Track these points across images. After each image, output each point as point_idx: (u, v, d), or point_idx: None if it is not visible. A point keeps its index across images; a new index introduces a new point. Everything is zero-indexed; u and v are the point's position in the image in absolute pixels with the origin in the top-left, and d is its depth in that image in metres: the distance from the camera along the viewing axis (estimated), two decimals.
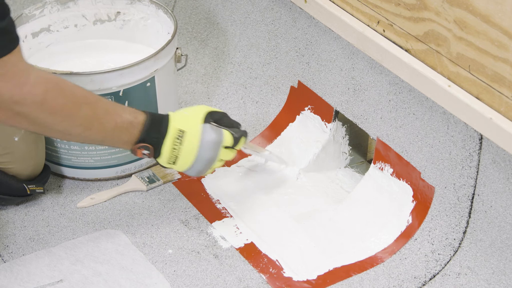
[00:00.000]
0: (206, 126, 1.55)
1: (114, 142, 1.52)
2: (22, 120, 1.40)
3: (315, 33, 1.80)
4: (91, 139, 1.50)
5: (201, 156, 1.55)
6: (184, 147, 1.53)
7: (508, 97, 1.41)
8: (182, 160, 1.54)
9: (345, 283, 1.54)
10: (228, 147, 1.58)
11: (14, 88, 1.35)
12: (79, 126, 1.45)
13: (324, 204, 1.72)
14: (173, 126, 1.53)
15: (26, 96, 1.37)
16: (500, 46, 1.39)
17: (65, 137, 1.49)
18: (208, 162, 1.56)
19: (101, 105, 1.48)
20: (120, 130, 1.50)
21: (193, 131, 1.54)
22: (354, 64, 1.72)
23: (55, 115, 1.41)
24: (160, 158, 1.54)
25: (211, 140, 1.54)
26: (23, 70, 1.37)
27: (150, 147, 1.52)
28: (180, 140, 1.53)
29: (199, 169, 1.57)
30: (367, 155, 1.86)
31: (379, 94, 1.67)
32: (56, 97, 1.40)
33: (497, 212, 1.49)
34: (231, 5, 2.05)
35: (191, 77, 2.07)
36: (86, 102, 1.46)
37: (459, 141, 1.53)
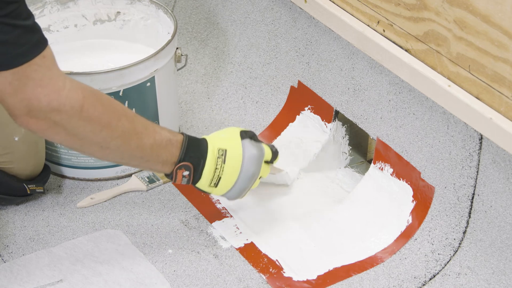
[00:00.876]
0: (246, 141, 1.52)
1: (152, 161, 1.46)
2: (60, 130, 1.35)
3: (315, 33, 1.80)
4: (129, 155, 1.43)
5: (245, 172, 1.50)
6: (227, 165, 1.48)
7: (508, 97, 1.41)
8: (225, 180, 1.50)
9: (345, 283, 1.54)
10: (267, 162, 1.55)
11: (51, 93, 1.31)
12: (117, 138, 1.39)
13: (324, 204, 1.72)
14: (212, 146, 1.49)
15: (65, 101, 1.32)
16: (500, 46, 1.39)
17: (103, 151, 1.41)
18: (251, 179, 1.52)
19: (139, 120, 1.43)
20: (158, 148, 1.44)
21: (235, 148, 1.50)
22: (354, 64, 1.72)
23: (94, 123, 1.36)
24: (200, 180, 1.49)
25: (253, 155, 1.51)
26: (59, 76, 1.33)
27: (190, 167, 1.47)
28: (222, 158, 1.48)
29: (241, 187, 1.52)
30: (367, 155, 1.86)
31: (379, 94, 1.68)
32: (94, 105, 1.36)
33: (497, 212, 1.49)
34: (231, 5, 2.05)
35: (191, 77, 2.07)
36: (125, 114, 1.41)
37: (459, 141, 1.53)
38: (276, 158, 1.57)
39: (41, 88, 1.30)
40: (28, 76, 1.29)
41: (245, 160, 1.50)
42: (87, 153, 1.45)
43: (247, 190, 1.55)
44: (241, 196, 1.55)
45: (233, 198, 1.55)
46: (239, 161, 1.50)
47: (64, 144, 1.41)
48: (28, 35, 1.29)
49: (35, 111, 1.31)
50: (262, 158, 1.53)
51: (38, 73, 1.30)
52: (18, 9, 1.27)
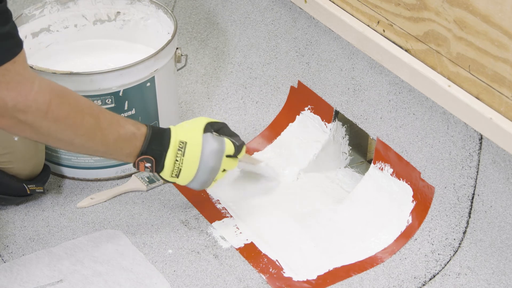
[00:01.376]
0: (207, 135, 1.54)
1: (116, 154, 1.51)
2: (25, 128, 1.39)
3: (315, 33, 1.80)
4: (94, 150, 1.48)
5: (204, 166, 1.53)
6: (186, 158, 1.52)
7: (508, 97, 1.41)
8: (185, 172, 1.53)
9: (345, 283, 1.54)
10: (230, 156, 1.57)
11: (18, 96, 1.34)
12: (82, 135, 1.44)
13: (324, 204, 1.72)
14: (174, 138, 1.52)
15: (31, 104, 1.36)
16: (500, 46, 1.39)
17: (68, 147, 1.48)
18: (211, 172, 1.55)
19: (104, 116, 1.47)
20: (122, 142, 1.49)
21: (194, 141, 1.53)
22: (354, 64, 1.72)
23: (59, 123, 1.40)
24: (163, 171, 1.53)
25: (213, 149, 1.53)
26: (27, 78, 1.36)
27: (152, 159, 1.51)
28: (181, 151, 1.51)
29: (202, 179, 1.55)
30: (367, 155, 1.86)
31: (379, 94, 1.67)
32: (60, 106, 1.39)
33: (497, 212, 1.49)
34: (231, 5, 2.05)
35: (191, 77, 2.07)
36: (90, 112, 1.45)
37: (459, 141, 1.53)
38: (240, 152, 1.58)
39: (8, 91, 1.34)
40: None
41: (204, 154, 1.53)
42: (53, 146, 1.54)
43: (209, 182, 1.57)
44: (206, 187, 1.58)
45: (197, 189, 1.58)
46: (197, 155, 1.52)
47: (31, 139, 1.46)
48: (2, 42, 1.31)
49: (1, 110, 1.35)
50: (222, 152, 1.55)
51: (6, 77, 1.33)
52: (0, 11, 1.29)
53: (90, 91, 1.67)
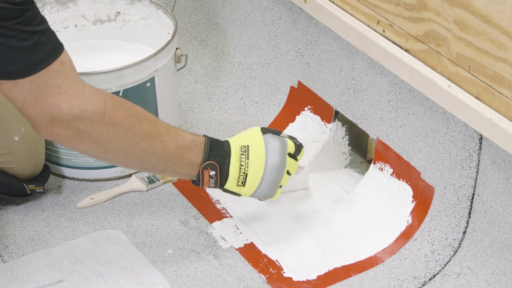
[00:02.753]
0: (268, 135, 1.51)
1: (178, 163, 1.45)
2: (84, 137, 1.33)
3: (315, 33, 1.80)
4: (156, 159, 1.42)
5: (271, 164, 1.49)
6: (251, 160, 1.48)
7: (508, 97, 1.41)
8: (251, 176, 1.48)
9: (345, 283, 1.54)
10: (291, 155, 1.53)
11: (72, 99, 1.29)
12: (142, 141, 1.38)
13: (324, 204, 1.72)
14: (234, 145, 1.49)
15: (87, 107, 1.31)
16: (500, 46, 1.39)
17: (129, 157, 1.40)
18: (278, 171, 1.50)
19: (161, 123, 1.43)
20: (183, 149, 1.44)
21: (257, 143, 1.49)
22: (354, 64, 1.72)
23: (117, 128, 1.35)
24: (227, 181, 1.49)
25: (276, 147, 1.50)
26: (77, 81, 1.31)
27: (216, 166, 1.46)
28: (245, 154, 1.47)
29: (270, 182, 1.50)
30: (367, 155, 1.86)
31: (379, 94, 1.68)
32: (116, 109, 1.35)
33: (497, 212, 1.49)
34: (231, 5, 2.05)
35: (191, 77, 2.07)
36: (147, 118, 1.40)
37: (459, 141, 1.53)
38: (300, 151, 1.55)
39: (61, 95, 1.29)
40: (46, 84, 1.28)
41: (268, 153, 1.49)
42: (112, 161, 1.43)
43: (277, 186, 1.52)
44: (272, 194, 1.53)
45: (264, 196, 1.53)
46: (262, 155, 1.49)
47: (89, 153, 1.39)
48: (43, 40, 1.28)
49: (57, 119, 1.30)
50: (285, 149, 1.51)
51: (56, 80, 1.28)
52: (32, 15, 1.26)
53: None
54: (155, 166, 1.45)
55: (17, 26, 1.24)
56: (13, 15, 1.23)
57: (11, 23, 1.23)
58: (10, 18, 1.23)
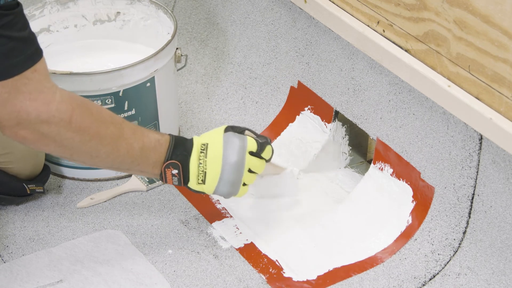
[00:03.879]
0: (228, 134, 1.51)
1: (142, 164, 1.47)
2: (49, 142, 1.36)
3: (315, 33, 1.80)
4: (120, 161, 1.45)
5: (228, 163, 1.49)
6: (208, 158, 1.49)
7: (508, 97, 1.41)
8: (210, 174, 1.49)
9: (345, 283, 1.54)
10: (254, 153, 1.53)
11: (41, 106, 1.31)
12: (107, 145, 1.41)
13: (324, 204, 1.72)
14: (196, 142, 1.50)
15: (54, 114, 1.33)
16: (500, 46, 1.39)
17: (93, 159, 1.43)
18: (236, 170, 1.50)
19: (127, 125, 1.45)
20: (147, 150, 1.46)
21: (215, 141, 1.50)
22: (354, 64, 1.72)
23: (83, 133, 1.37)
24: (190, 179, 1.50)
25: (234, 145, 1.50)
26: (49, 88, 1.33)
27: (178, 164, 1.48)
28: (204, 152, 1.49)
29: (229, 180, 1.50)
30: (367, 155, 1.86)
31: (379, 94, 1.68)
32: (83, 115, 1.37)
33: (497, 212, 1.49)
34: (231, 5, 2.05)
35: (191, 77, 2.07)
36: (113, 122, 1.42)
37: (459, 141, 1.53)
38: (263, 149, 1.54)
39: (30, 102, 1.31)
40: (18, 89, 1.30)
41: (226, 151, 1.50)
42: (77, 162, 1.46)
43: (238, 183, 1.52)
44: (235, 192, 1.54)
45: (226, 194, 1.53)
46: (219, 152, 1.50)
47: (54, 154, 1.43)
48: (22, 47, 1.29)
49: (24, 123, 1.32)
50: (244, 148, 1.51)
51: (28, 86, 1.31)
52: (13, 20, 1.27)
53: (90, 91, 1.67)
54: (119, 166, 1.48)
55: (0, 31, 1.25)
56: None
57: None
58: None
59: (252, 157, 1.53)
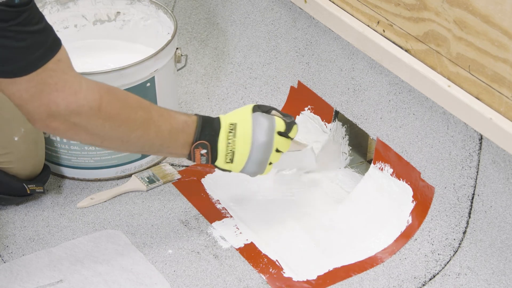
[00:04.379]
0: (257, 114, 1.53)
1: (172, 146, 1.49)
2: (80, 130, 1.37)
3: (315, 33, 1.80)
4: (150, 144, 1.46)
5: (257, 143, 1.51)
6: (237, 138, 1.50)
7: (508, 97, 1.41)
8: (238, 154, 1.51)
9: (345, 283, 1.54)
10: (281, 133, 1.54)
11: (69, 96, 1.32)
12: (137, 130, 1.42)
13: (324, 204, 1.72)
14: (224, 121, 1.51)
15: (83, 103, 1.34)
16: (500, 46, 1.39)
17: (124, 144, 1.44)
18: (265, 150, 1.52)
19: (155, 109, 1.46)
20: (176, 132, 1.48)
21: (244, 121, 1.51)
22: (354, 64, 1.72)
23: (113, 120, 1.38)
24: (217, 159, 1.52)
25: (263, 126, 1.51)
26: (74, 77, 1.34)
27: (207, 144, 1.49)
28: (233, 132, 1.50)
29: (257, 159, 1.52)
30: (367, 155, 1.86)
31: (379, 94, 1.68)
32: (111, 102, 1.38)
33: (497, 212, 1.49)
34: (231, 5, 2.05)
35: (191, 77, 2.07)
36: (140, 106, 1.44)
37: (459, 141, 1.53)
38: (291, 129, 1.55)
39: (58, 93, 1.31)
40: (44, 82, 1.30)
41: (255, 131, 1.51)
42: (108, 148, 1.49)
43: (265, 163, 1.54)
44: (261, 171, 1.55)
45: (253, 173, 1.55)
46: (249, 132, 1.51)
47: (85, 143, 1.44)
48: (41, 39, 1.29)
49: (54, 114, 1.33)
50: (273, 127, 1.53)
51: (53, 77, 1.31)
52: (30, 15, 1.27)
53: None
54: (149, 150, 1.50)
55: (14, 27, 1.26)
56: (10, 17, 1.25)
57: (8, 25, 1.25)
58: (7, 20, 1.24)
59: (279, 136, 1.54)
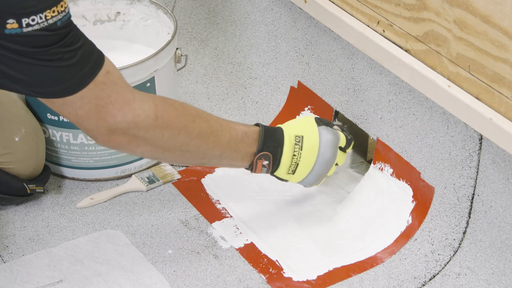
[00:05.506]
0: (322, 128, 1.54)
1: (231, 156, 1.48)
2: (140, 142, 1.36)
3: (315, 33, 1.80)
4: (210, 154, 1.46)
5: (322, 158, 1.53)
6: (304, 151, 1.51)
7: (508, 97, 1.41)
8: (302, 166, 1.52)
9: (345, 283, 1.54)
10: (341, 148, 1.58)
11: (124, 107, 1.31)
12: (195, 138, 1.41)
13: (324, 204, 1.72)
14: (288, 133, 1.51)
15: (138, 112, 1.33)
16: (500, 46, 1.39)
17: (184, 155, 1.43)
18: (328, 164, 1.54)
19: (213, 119, 1.46)
20: (236, 142, 1.47)
21: (311, 134, 1.52)
22: (354, 64, 1.72)
23: (171, 129, 1.37)
24: (278, 169, 1.52)
25: (329, 141, 1.53)
26: (126, 87, 1.33)
27: (270, 156, 1.49)
28: (299, 145, 1.50)
29: (319, 173, 1.54)
30: (367, 155, 1.86)
31: (379, 94, 1.68)
32: (167, 110, 1.37)
33: (497, 212, 1.49)
34: (231, 5, 2.05)
35: (191, 77, 2.07)
36: (198, 115, 1.43)
37: (459, 141, 1.53)
38: (350, 145, 1.59)
39: (112, 105, 1.31)
40: (96, 96, 1.30)
41: (321, 146, 1.53)
42: (169, 160, 1.50)
43: (324, 176, 1.56)
44: (318, 183, 1.58)
45: (310, 185, 1.57)
46: (316, 147, 1.52)
47: (147, 155, 1.42)
48: (86, 55, 1.29)
49: (113, 128, 1.32)
50: (338, 143, 1.56)
51: (105, 90, 1.30)
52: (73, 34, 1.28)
53: None
54: (209, 161, 1.49)
55: (60, 49, 1.25)
56: (54, 41, 1.24)
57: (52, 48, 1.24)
58: (51, 44, 1.24)
59: (340, 152, 1.58)
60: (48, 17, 1.22)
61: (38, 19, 1.21)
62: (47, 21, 1.22)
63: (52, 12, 1.23)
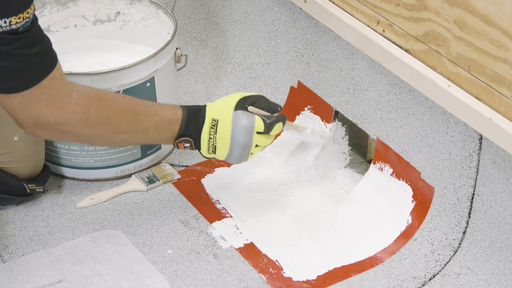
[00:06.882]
0: (238, 113, 1.56)
1: (156, 141, 1.58)
2: (67, 136, 1.44)
3: (315, 33, 1.80)
4: (135, 142, 1.60)
5: (236, 142, 1.56)
6: (218, 135, 1.56)
7: (508, 97, 1.41)
8: (219, 148, 1.57)
9: (345, 283, 1.54)
10: (260, 132, 1.58)
11: (58, 111, 1.38)
12: (122, 133, 1.49)
13: (324, 204, 1.72)
14: (208, 117, 1.56)
15: (71, 116, 1.39)
16: (500, 46, 1.39)
17: (109, 144, 1.61)
18: (244, 148, 1.58)
19: (141, 109, 1.51)
20: (161, 130, 1.54)
21: (224, 119, 1.56)
22: (354, 64, 1.72)
23: (99, 127, 1.44)
24: (201, 149, 1.58)
25: (242, 126, 1.56)
26: (65, 93, 1.39)
27: (190, 140, 1.56)
28: (214, 129, 1.56)
29: (237, 155, 1.58)
30: (367, 155, 1.86)
31: (379, 94, 1.68)
32: (99, 112, 1.43)
33: (497, 212, 1.49)
34: (231, 5, 2.05)
35: (191, 77, 2.07)
36: (127, 109, 1.49)
37: (459, 141, 1.53)
38: (271, 129, 1.58)
39: (48, 108, 1.37)
40: (35, 98, 1.36)
41: (235, 131, 1.56)
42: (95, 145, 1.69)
43: (245, 156, 1.60)
44: (244, 161, 1.61)
45: (235, 163, 1.61)
46: (228, 132, 1.56)
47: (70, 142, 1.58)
48: (38, 61, 1.34)
49: (42, 125, 1.39)
50: (252, 129, 1.57)
51: (45, 94, 1.36)
52: (30, 39, 1.32)
53: None
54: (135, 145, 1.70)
55: (15, 51, 1.31)
56: (12, 41, 1.29)
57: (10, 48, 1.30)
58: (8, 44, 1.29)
59: (259, 135, 1.58)
60: (13, 23, 1.28)
61: (2, 23, 1.27)
62: (10, 26, 1.28)
63: (17, 18, 1.28)
